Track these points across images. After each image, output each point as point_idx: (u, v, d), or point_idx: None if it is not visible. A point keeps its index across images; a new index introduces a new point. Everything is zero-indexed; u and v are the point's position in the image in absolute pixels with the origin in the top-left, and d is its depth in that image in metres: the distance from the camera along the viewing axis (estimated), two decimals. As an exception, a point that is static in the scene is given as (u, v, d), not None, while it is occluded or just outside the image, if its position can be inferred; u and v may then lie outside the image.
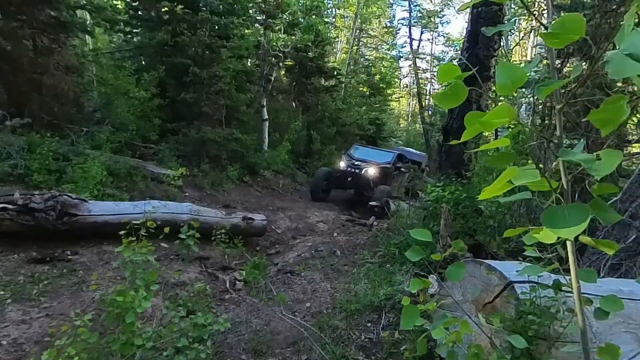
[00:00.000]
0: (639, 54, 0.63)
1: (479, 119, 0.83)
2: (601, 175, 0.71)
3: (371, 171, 9.33)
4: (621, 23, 0.70)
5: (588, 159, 0.73)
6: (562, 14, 0.74)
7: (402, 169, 10.45)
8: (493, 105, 5.33)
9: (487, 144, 0.95)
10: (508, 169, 0.80)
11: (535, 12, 6.94)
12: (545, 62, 4.62)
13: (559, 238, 0.80)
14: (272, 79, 12.17)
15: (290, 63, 12.96)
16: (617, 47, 0.68)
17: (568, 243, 0.86)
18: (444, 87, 0.96)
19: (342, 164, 9.73)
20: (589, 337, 1.26)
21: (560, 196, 0.84)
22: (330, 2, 21.11)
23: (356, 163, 9.63)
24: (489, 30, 0.96)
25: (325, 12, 17.68)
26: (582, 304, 0.89)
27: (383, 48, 27.69)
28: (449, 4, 25.53)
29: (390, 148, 13.84)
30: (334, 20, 22.86)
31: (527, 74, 0.80)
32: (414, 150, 15.05)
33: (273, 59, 11.77)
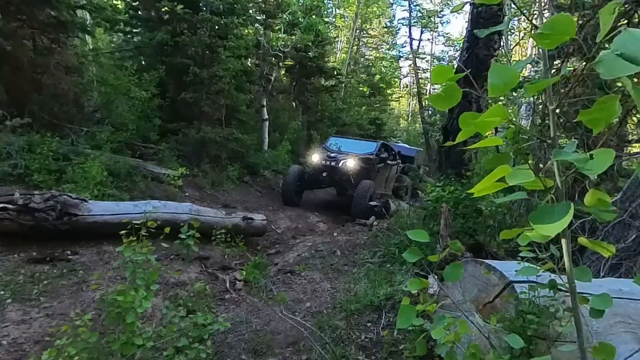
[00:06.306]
0: (630, 54, 0.62)
1: (473, 120, 0.83)
2: (594, 174, 0.72)
3: (350, 163, 7.77)
4: (621, 24, 0.70)
5: (581, 158, 0.73)
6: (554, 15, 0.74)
7: (389, 161, 9.05)
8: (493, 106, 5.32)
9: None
10: (499, 167, 0.80)
11: (535, 12, 6.94)
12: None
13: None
14: (272, 78, 12.16)
15: (290, 63, 12.97)
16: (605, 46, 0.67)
17: (562, 242, 0.87)
18: (442, 87, 0.96)
19: (316, 158, 8.20)
20: (588, 338, 1.26)
21: (555, 196, 0.84)
22: (330, 2, 21.13)
23: (332, 155, 8.13)
24: (482, 32, 0.96)
25: (325, 12, 17.68)
26: (577, 302, 0.89)
27: (383, 48, 27.75)
28: (449, 4, 25.51)
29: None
30: (334, 20, 22.87)
31: (519, 74, 0.80)
32: (404, 144, 13.92)
33: (273, 58, 11.77)
